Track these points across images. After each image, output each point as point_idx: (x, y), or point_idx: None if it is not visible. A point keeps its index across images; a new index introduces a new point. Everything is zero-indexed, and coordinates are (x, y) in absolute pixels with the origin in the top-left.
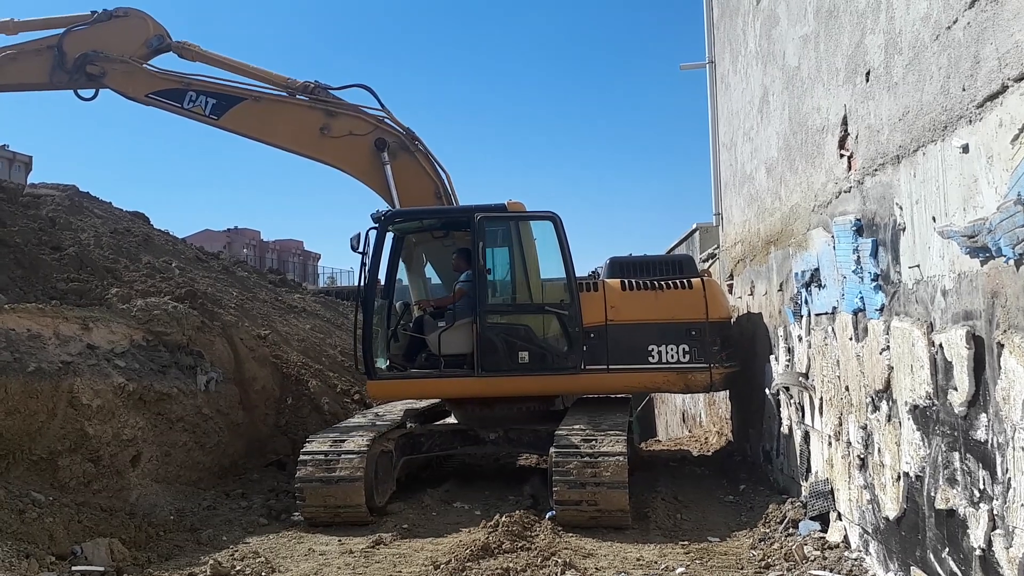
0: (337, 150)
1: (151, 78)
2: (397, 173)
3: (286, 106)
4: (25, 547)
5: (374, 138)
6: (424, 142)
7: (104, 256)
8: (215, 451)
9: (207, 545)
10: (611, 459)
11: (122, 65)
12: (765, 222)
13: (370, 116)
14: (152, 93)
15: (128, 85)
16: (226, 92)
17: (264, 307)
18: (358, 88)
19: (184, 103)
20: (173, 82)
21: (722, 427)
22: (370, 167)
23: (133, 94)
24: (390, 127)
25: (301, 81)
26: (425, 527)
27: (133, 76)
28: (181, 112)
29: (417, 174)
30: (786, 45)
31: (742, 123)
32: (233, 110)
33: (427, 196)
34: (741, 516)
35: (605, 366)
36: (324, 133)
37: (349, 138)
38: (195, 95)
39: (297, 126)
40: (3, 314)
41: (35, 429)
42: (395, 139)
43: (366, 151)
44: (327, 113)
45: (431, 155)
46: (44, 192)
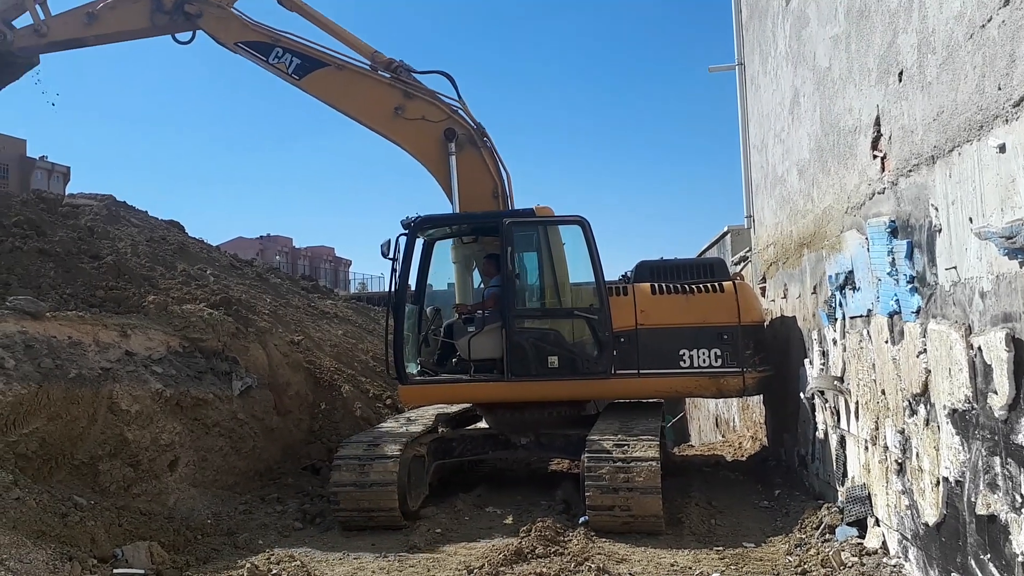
0: (407, 132)
1: (243, 27)
2: (461, 166)
3: (366, 80)
4: (68, 550)
5: (445, 127)
6: (492, 140)
7: (141, 264)
8: (250, 456)
9: (244, 549)
10: (644, 464)
11: (217, 10)
12: (797, 224)
13: (445, 104)
14: (241, 42)
15: (220, 30)
16: (311, 55)
17: (297, 313)
18: (440, 75)
19: (270, 57)
20: (263, 35)
21: (756, 432)
22: (436, 155)
23: (224, 40)
24: (462, 119)
25: (387, 57)
26: (458, 531)
27: (226, 22)
28: (265, 66)
29: (479, 170)
30: (816, 46)
31: (773, 125)
32: (315, 73)
33: (485, 194)
34: (776, 521)
35: (636, 371)
36: (398, 113)
37: (421, 123)
38: (281, 52)
39: (373, 101)
40: (45, 322)
41: (76, 434)
42: (465, 131)
43: (435, 138)
44: (404, 94)
45: (496, 154)
46: (82, 202)
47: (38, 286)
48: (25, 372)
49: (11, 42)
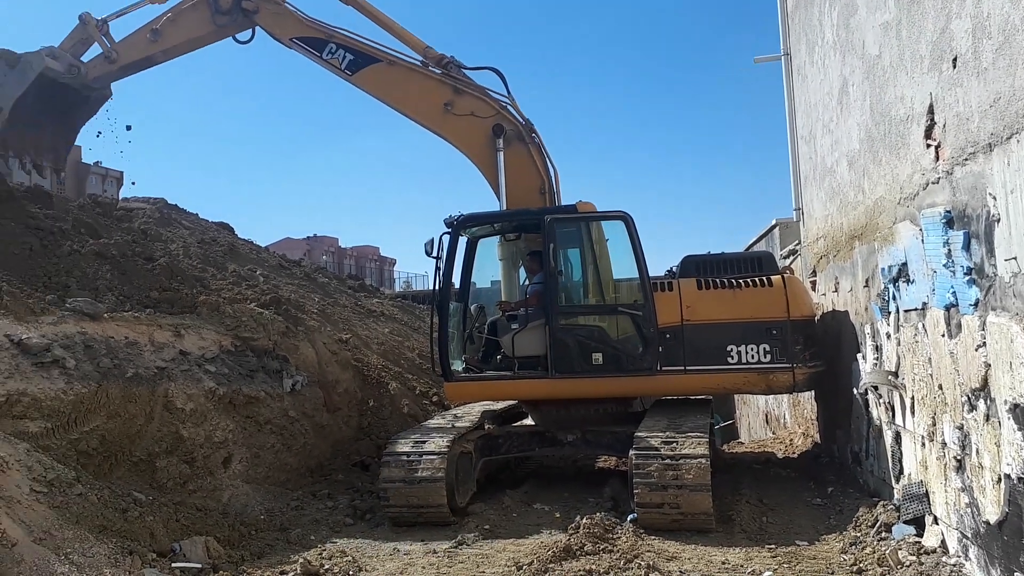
0: (456, 128)
1: (298, 23)
2: (508, 162)
3: (417, 75)
4: (128, 544)
5: (493, 123)
6: (541, 137)
7: (193, 265)
8: (302, 452)
9: (296, 544)
10: (693, 461)
11: (273, 5)
12: (848, 216)
13: (494, 100)
14: (296, 38)
15: (276, 26)
16: (364, 50)
17: (344, 312)
18: (490, 71)
19: (323, 53)
20: (317, 31)
21: (807, 428)
22: (484, 151)
23: (279, 35)
24: (511, 115)
25: (438, 52)
26: (506, 528)
27: (282, 18)
28: (319, 61)
29: (526, 166)
30: (865, 34)
31: (821, 115)
32: (367, 69)
33: (532, 190)
34: (830, 519)
35: (682, 367)
36: (447, 109)
37: (470, 118)
38: (335, 47)
39: (423, 97)
40: (103, 323)
41: (134, 432)
42: (513, 127)
43: (483, 134)
44: (454, 90)
45: (544, 150)
46: (136, 206)
47: (95, 288)
48: (85, 372)
49: (85, 75)
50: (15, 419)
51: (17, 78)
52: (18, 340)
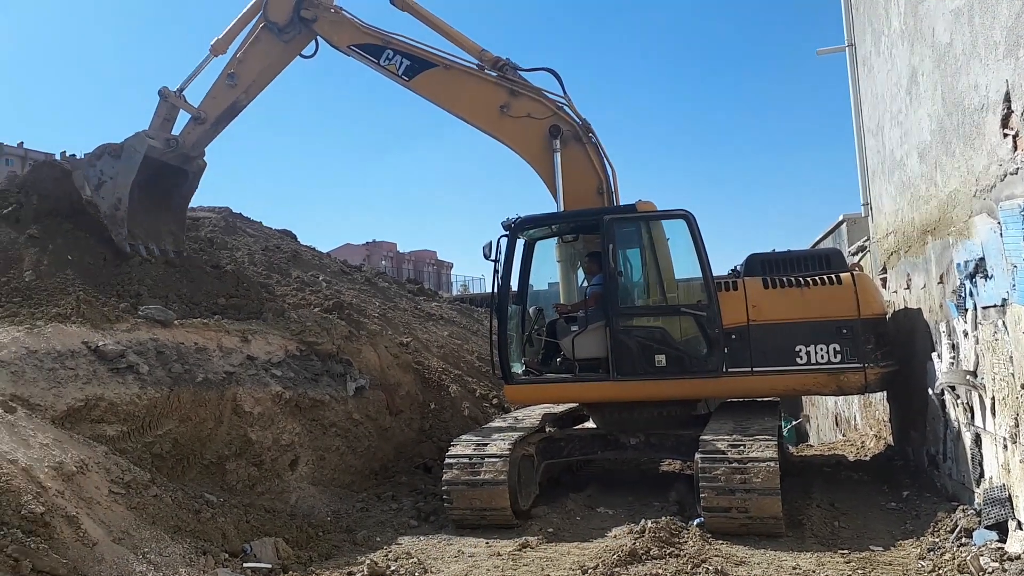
0: (512, 130)
1: (355, 30)
2: (565, 162)
3: (473, 79)
4: (202, 544)
5: (550, 124)
6: (598, 136)
7: (258, 272)
8: (366, 455)
9: (362, 546)
10: (762, 464)
11: (331, 14)
12: (920, 210)
13: (550, 101)
14: (353, 45)
15: (334, 33)
16: (420, 55)
17: (404, 315)
18: (546, 72)
19: (380, 59)
20: (374, 37)
21: (880, 430)
22: (541, 152)
23: (337, 43)
24: (568, 115)
25: (494, 55)
26: (570, 531)
27: (339, 26)
28: (376, 67)
29: (584, 167)
30: (935, 21)
31: (888, 107)
32: (424, 74)
33: (590, 191)
34: (906, 524)
35: (748, 368)
36: (503, 111)
37: (526, 120)
38: (392, 54)
39: (479, 100)
40: (173, 329)
41: (205, 435)
42: (570, 128)
43: (540, 135)
44: (510, 92)
45: (602, 150)
46: (202, 215)
47: (165, 296)
48: (157, 377)
49: (183, 144)
50: (93, 423)
51: (126, 165)
52: (95, 347)
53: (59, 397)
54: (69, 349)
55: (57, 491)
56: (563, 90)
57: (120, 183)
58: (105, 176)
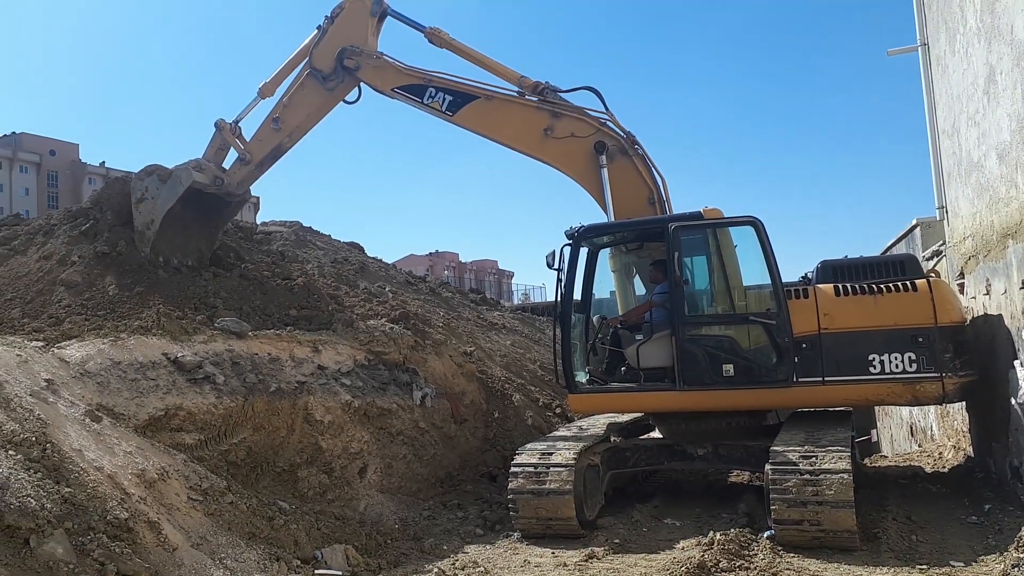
0: (558, 151)
1: (397, 73)
2: (613, 177)
3: (515, 106)
4: (275, 551)
5: (594, 140)
6: (644, 147)
7: (327, 284)
8: (432, 463)
9: (430, 554)
10: (835, 476)
11: (373, 60)
12: (999, 213)
13: (592, 119)
14: (397, 88)
15: (377, 79)
16: (462, 89)
17: (468, 325)
18: (586, 90)
19: (424, 98)
20: (416, 78)
21: (959, 441)
22: (587, 169)
23: (381, 87)
24: (611, 130)
25: (533, 80)
26: (637, 542)
27: (382, 71)
28: (420, 106)
29: (633, 179)
30: (1014, 18)
31: (965, 107)
32: (467, 108)
33: (640, 202)
34: (988, 539)
35: (820, 378)
36: (547, 134)
37: (570, 139)
38: (434, 91)
39: (523, 126)
40: (248, 340)
41: (277, 443)
42: (615, 142)
43: (585, 153)
44: (552, 114)
45: (649, 160)
46: (273, 229)
47: (240, 308)
48: (233, 387)
49: (229, 183)
50: (173, 432)
51: (168, 192)
52: (174, 358)
53: (141, 407)
54: (150, 360)
55: (140, 497)
56: (604, 106)
57: (159, 207)
58: (148, 195)
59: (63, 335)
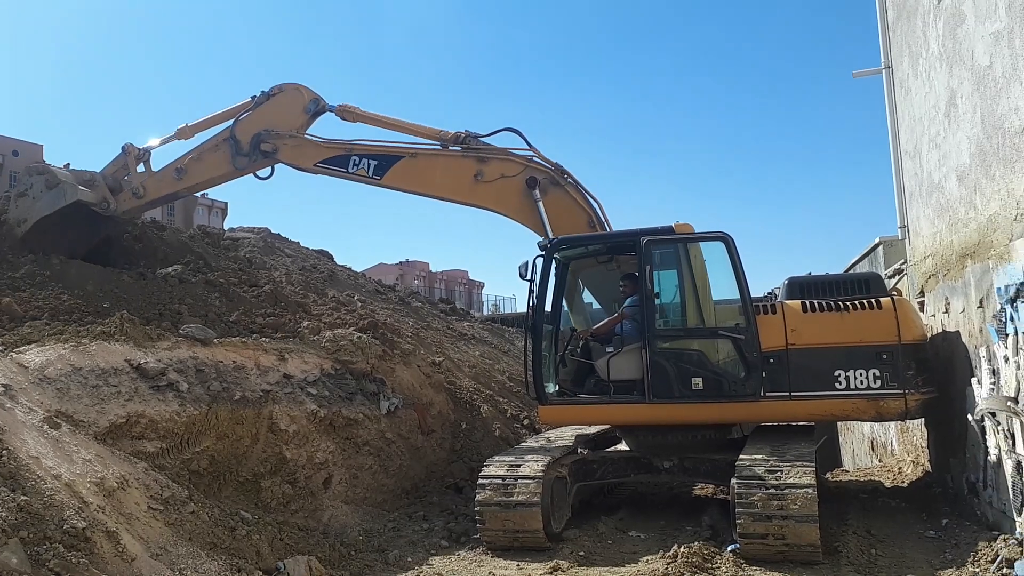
0: (490, 194)
1: (318, 148)
2: (549, 208)
3: (440, 159)
4: (237, 562)
5: (525, 177)
6: (573, 175)
7: (295, 292)
8: (398, 474)
9: (394, 566)
10: (799, 491)
11: (291, 140)
12: (959, 234)
13: (519, 157)
14: (319, 162)
15: (298, 157)
16: (385, 152)
17: (437, 335)
18: (506, 131)
19: (348, 168)
20: (337, 149)
21: (918, 456)
22: (523, 206)
23: (303, 165)
24: (539, 164)
25: (452, 132)
26: (602, 555)
27: (301, 148)
28: (346, 176)
29: (569, 207)
30: (974, 44)
31: (926, 129)
32: (393, 169)
33: (580, 227)
34: (945, 553)
35: (787, 393)
36: (478, 179)
37: (501, 181)
38: (358, 159)
39: (452, 176)
40: (213, 348)
41: (241, 452)
42: (545, 175)
43: (518, 191)
44: (479, 160)
45: (580, 187)
46: (241, 235)
47: (205, 315)
48: (197, 395)
49: (115, 209)
50: (134, 439)
51: (50, 200)
52: (137, 365)
53: (102, 414)
54: (112, 367)
55: (98, 506)
56: (527, 143)
57: (35, 210)
58: (30, 193)
59: (23, 339)
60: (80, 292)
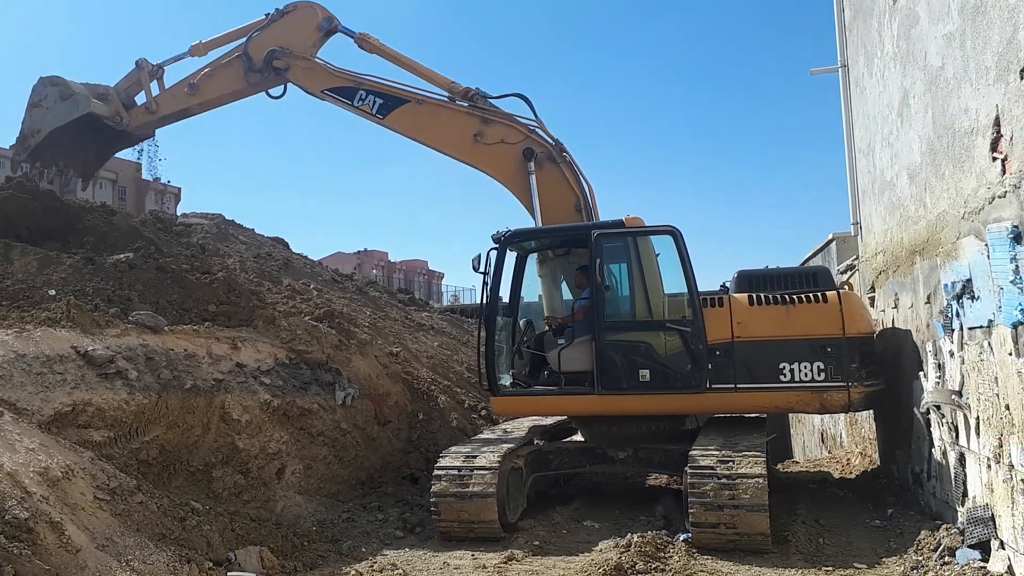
0: (487, 156)
1: (328, 75)
2: (541, 183)
3: (445, 111)
4: (186, 552)
5: (523, 147)
6: (572, 155)
7: (249, 280)
8: (352, 464)
9: (348, 556)
10: (750, 481)
11: (304, 62)
12: (909, 231)
13: (522, 125)
14: (327, 89)
15: (307, 81)
16: (392, 93)
17: (395, 325)
18: (516, 97)
19: (354, 101)
20: (347, 80)
21: (865, 448)
22: (516, 175)
23: (311, 89)
24: (540, 137)
25: (463, 87)
26: (556, 545)
27: (313, 72)
28: (350, 108)
29: (560, 185)
30: (927, 45)
31: (880, 128)
32: (397, 111)
33: (568, 208)
34: (890, 542)
35: (732, 385)
36: (477, 140)
37: (500, 146)
38: (364, 94)
39: (453, 131)
40: (163, 335)
41: (192, 442)
42: (543, 149)
43: (514, 159)
44: (482, 120)
45: (577, 168)
46: (194, 221)
47: (156, 301)
48: (146, 383)
49: (127, 124)
50: (80, 428)
51: (64, 110)
52: (84, 352)
53: (46, 402)
54: (58, 354)
55: (42, 496)
56: (534, 113)
57: (48, 120)
58: (44, 103)
59: None
60: (24, 276)
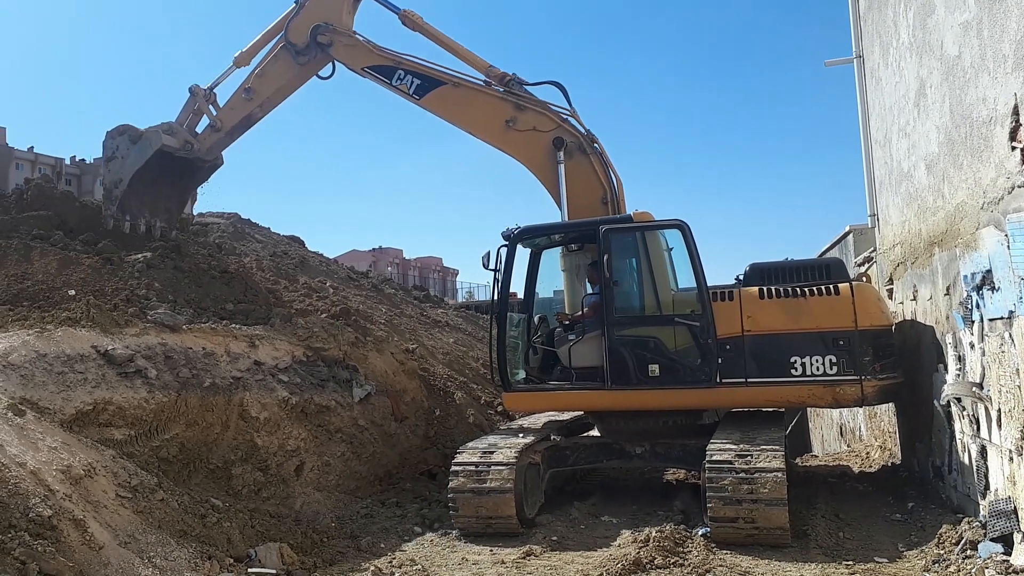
0: (518, 143)
1: (369, 53)
2: (570, 174)
3: (480, 95)
4: (207, 549)
5: (554, 136)
6: (603, 147)
7: (266, 278)
8: (370, 461)
9: (367, 552)
10: (769, 475)
11: (346, 38)
12: (927, 222)
13: (555, 114)
14: (367, 67)
15: (349, 57)
16: (430, 74)
17: (411, 322)
18: (551, 85)
19: (392, 80)
20: (386, 59)
21: (885, 441)
22: (545, 164)
23: (352, 65)
24: (572, 127)
25: (500, 71)
26: (574, 540)
27: (354, 49)
28: (388, 87)
29: (588, 177)
30: (944, 34)
31: (896, 118)
32: (433, 92)
33: (594, 200)
34: (911, 536)
35: (743, 379)
36: (509, 125)
37: (531, 133)
38: (403, 74)
39: (486, 115)
40: (182, 334)
41: (211, 440)
42: (574, 139)
43: (544, 147)
44: (516, 106)
45: (607, 160)
46: (211, 220)
47: (174, 300)
48: (165, 381)
49: (199, 149)
50: (101, 427)
51: (138, 153)
52: (104, 351)
53: (68, 401)
54: (79, 353)
55: (65, 494)
56: (568, 103)
57: (127, 166)
58: (118, 154)
59: None
60: (44, 277)
